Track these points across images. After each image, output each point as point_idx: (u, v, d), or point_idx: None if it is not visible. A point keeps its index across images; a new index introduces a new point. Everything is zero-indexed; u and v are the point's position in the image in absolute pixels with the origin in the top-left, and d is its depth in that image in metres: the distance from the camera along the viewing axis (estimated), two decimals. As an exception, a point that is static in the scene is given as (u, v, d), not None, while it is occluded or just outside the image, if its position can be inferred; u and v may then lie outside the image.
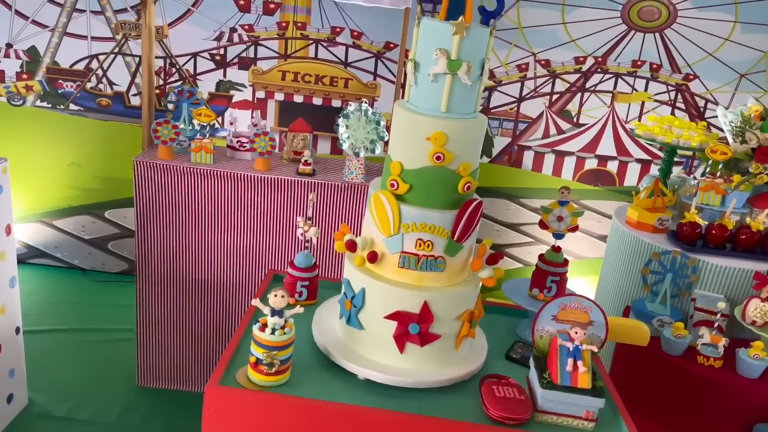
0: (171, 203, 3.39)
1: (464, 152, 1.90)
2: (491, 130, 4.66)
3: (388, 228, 1.92)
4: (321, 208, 3.38)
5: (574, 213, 2.38)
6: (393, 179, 1.93)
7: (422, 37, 1.85)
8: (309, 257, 2.35)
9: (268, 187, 3.36)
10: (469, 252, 2.04)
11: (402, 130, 1.93)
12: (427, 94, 1.88)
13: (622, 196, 4.74)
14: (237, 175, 3.33)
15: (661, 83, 4.52)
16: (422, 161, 1.89)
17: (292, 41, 4.51)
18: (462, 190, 1.92)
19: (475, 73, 1.86)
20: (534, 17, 4.39)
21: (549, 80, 4.55)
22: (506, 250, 4.92)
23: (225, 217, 3.41)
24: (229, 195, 3.37)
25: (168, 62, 4.55)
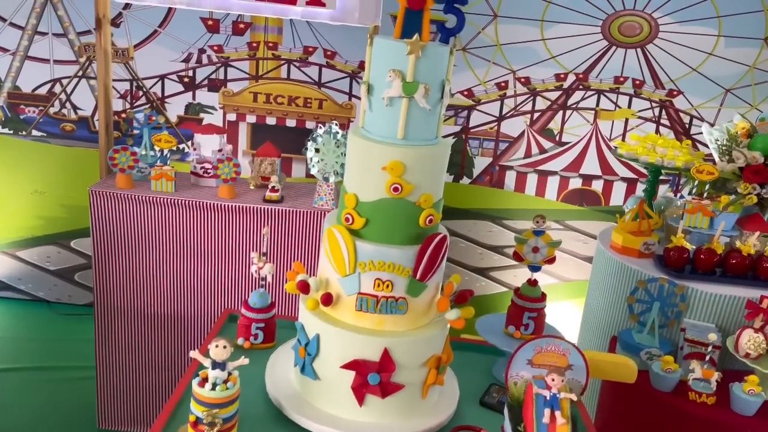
0: (130, 234, 3.20)
1: (425, 182, 1.73)
2: (471, 150, 4.51)
3: (343, 267, 1.74)
4: (289, 236, 3.20)
5: (551, 243, 2.21)
6: (348, 213, 1.75)
7: (375, 57, 1.69)
8: (264, 296, 2.16)
9: (232, 215, 3.18)
10: (435, 291, 1.85)
11: (356, 160, 1.75)
12: (382, 120, 1.71)
13: (608, 216, 4.58)
14: (199, 203, 3.14)
15: (644, 99, 4.39)
16: (379, 193, 1.72)
17: (264, 62, 4.35)
18: (424, 224, 1.74)
19: (434, 95, 1.69)
20: (512, 34, 4.26)
21: (529, 98, 4.41)
22: (490, 273, 4.75)
23: (188, 248, 3.22)
24: (191, 225, 3.19)
25: (134, 85, 4.38)
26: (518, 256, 2.23)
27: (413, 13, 1.65)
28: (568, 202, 4.59)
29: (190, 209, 3.15)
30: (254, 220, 3.19)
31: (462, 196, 4.57)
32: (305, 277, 1.80)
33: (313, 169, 3.16)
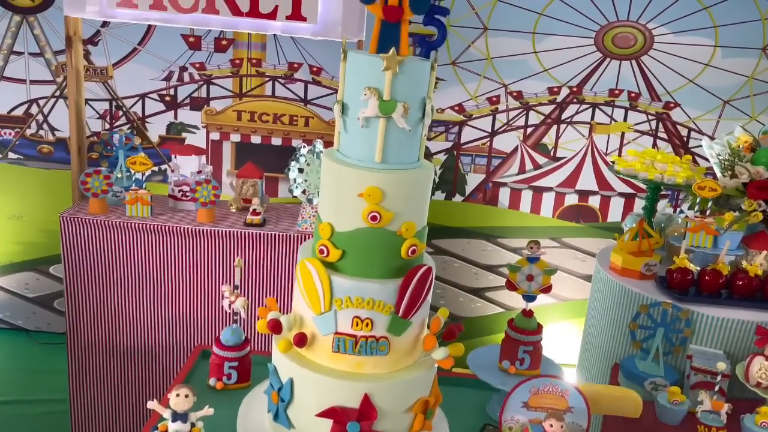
0: (104, 262, 3.04)
1: (406, 209, 1.57)
2: (463, 167, 4.37)
3: (318, 304, 1.58)
4: (270, 262, 3.03)
5: (546, 271, 2.05)
6: (322, 244, 1.59)
7: (349, 74, 1.54)
8: (238, 333, 1.99)
9: (211, 240, 3.02)
10: (420, 328, 1.69)
11: (331, 186, 1.60)
12: (358, 142, 1.55)
13: (606, 233, 4.44)
14: (176, 228, 2.98)
15: (640, 112, 4.26)
16: (355, 222, 1.56)
17: (247, 79, 4.22)
18: (406, 255, 1.59)
19: (415, 114, 1.54)
20: (503, 47, 4.15)
21: (522, 113, 4.28)
22: (485, 293, 4.59)
23: (164, 276, 3.05)
24: (168, 251, 3.02)
25: (114, 105, 4.23)
26: (511, 284, 2.07)
27: (390, 25, 1.51)
28: (564, 219, 4.45)
29: (167, 235, 2.99)
30: (234, 245, 3.03)
31: (455, 215, 4.43)
32: (277, 316, 1.64)
33: (296, 191, 3.01)
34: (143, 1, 2.92)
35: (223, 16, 2.96)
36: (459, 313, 4.58)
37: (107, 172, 3.05)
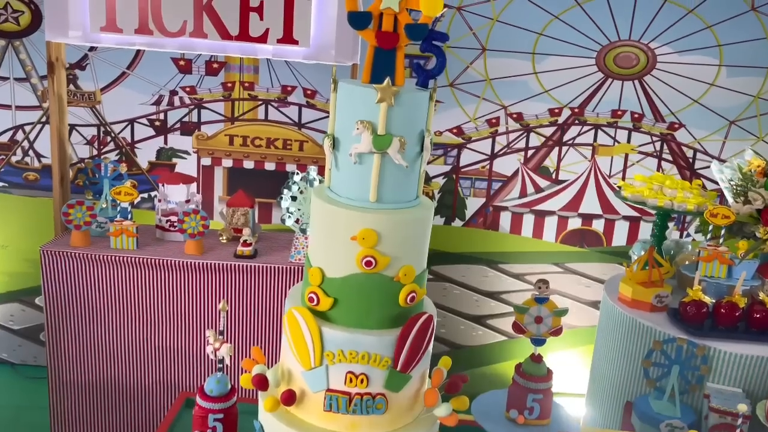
0: (86, 297, 2.89)
1: (404, 252, 1.43)
2: (463, 191, 4.24)
3: (307, 358, 1.43)
4: (262, 296, 2.89)
5: (556, 312, 1.90)
6: (312, 291, 1.45)
7: (340, 105, 1.41)
8: (223, 382, 1.84)
9: (200, 274, 2.87)
10: (420, 382, 1.54)
11: (321, 227, 1.46)
12: (351, 180, 1.42)
13: (611, 257, 4.30)
14: (162, 262, 2.84)
15: (644, 133, 4.14)
16: (348, 267, 1.42)
17: (240, 103, 4.10)
18: (404, 303, 1.44)
19: (412, 149, 1.41)
20: (503, 68, 4.04)
21: (523, 135, 4.16)
22: (487, 321, 4.43)
23: (151, 311, 2.91)
24: (154, 285, 2.88)
25: (102, 130, 4.11)
26: (518, 327, 1.92)
27: (384, 53, 1.38)
28: (567, 244, 4.32)
29: (153, 268, 2.85)
30: (224, 278, 2.89)
31: (455, 240, 4.29)
32: (263, 370, 1.49)
33: (289, 220, 2.88)
34: (128, 26, 2.81)
35: (212, 40, 2.85)
36: (460, 342, 4.43)
37: (90, 203, 2.91)
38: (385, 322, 1.44)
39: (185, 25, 2.81)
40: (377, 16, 1.35)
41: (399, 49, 1.38)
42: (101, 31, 2.81)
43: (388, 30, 1.36)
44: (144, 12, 2.78)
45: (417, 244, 1.47)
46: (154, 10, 2.78)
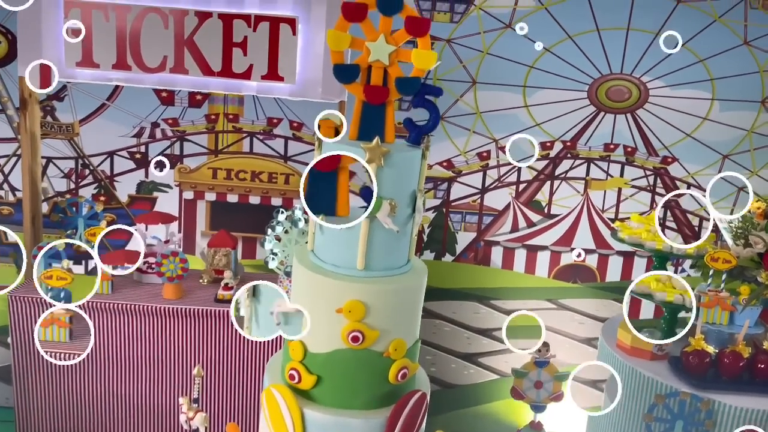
0: (57, 345, 2.72)
1: (394, 325, 1.31)
2: (453, 225, 4.13)
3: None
4: (243, 346, 2.74)
5: (557, 376, 1.78)
6: (293, 368, 1.31)
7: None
8: (197, 455, 1.69)
9: (178, 320, 2.73)
10: (412, 464, 1.40)
11: (303, 297, 1.33)
12: (337, 246, 1.30)
13: (605, 293, 4.20)
14: (138, 307, 2.69)
15: (637, 167, 4.07)
16: (333, 342, 1.29)
17: (224, 135, 3.98)
18: (395, 380, 1.31)
19: (403, 212, 1.29)
20: (493, 101, 3.96)
21: (514, 168, 4.07)
22: (479, 359, 4.29)
23: (125, 358, 2.75)
24: (130, 331, 2.73)
25: (80, 163, 3.96)
26: (517, 393, 1.79)
27: (374, 108, 1.26)
28: (560, 279, 4.22)
29: (128, 314, 2.70)
30: (204, 325, 2.74)
31: (445, 275, 4.17)
32: (238, 453, 1.34)
33: (272, 263, 2.74)
34: (105, 60, 2.70)
35: (193, 75, 2.74)
36: (451, 381, 4.29)
37: (63, 245, 2.76)
38: (373, 402, 1.31)
39: (165, 60, 2.71)
40: (365, 68, 1.24)
41: (389, 104, 1.28)
42: (77, 66, 2.70)
43: (377, 84, 1.26)
44: (122, 47, 2.67)
45: (408, 314, 1.34)
46: (132, 44, 2.67)
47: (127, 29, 2.64)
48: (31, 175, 2.88)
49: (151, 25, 2.64)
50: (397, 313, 1.31)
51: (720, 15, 3.81)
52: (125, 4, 2.61)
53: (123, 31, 2.63)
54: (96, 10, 2.61)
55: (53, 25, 2.64)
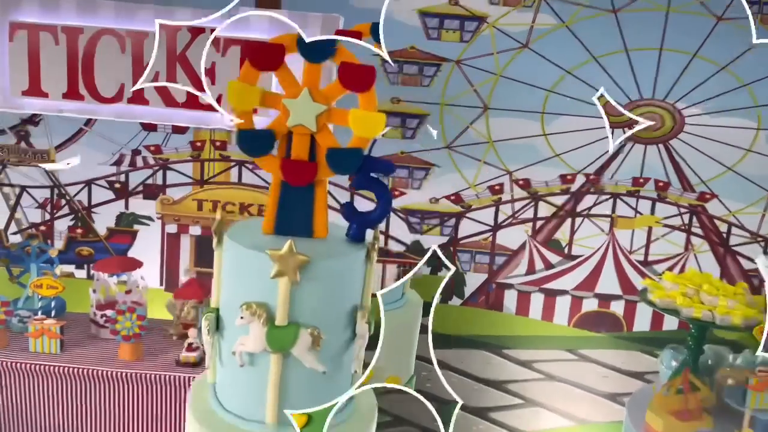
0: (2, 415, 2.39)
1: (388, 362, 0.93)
2: (462, 265, 3.75)
3: None
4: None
5: None
6: None
7: (227, 270, 0.90)
8: None
9: (133, 386, 2.36)
10: None
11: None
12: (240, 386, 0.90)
13: (631, 344, 3.80)
14: (88, 372, 2.34)
15: (670, 204, 3.67)
16: None
17: (210, 164, 3.66)
18: None
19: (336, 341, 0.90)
20: (507, 129, 3.60)
21: (530, 204, 3.69)
22: (490, 414, 3.88)
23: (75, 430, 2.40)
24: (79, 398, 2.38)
25: (55, 192, 3.67)
26: None
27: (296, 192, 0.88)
28: (581, 328, 3.83)
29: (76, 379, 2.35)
30: (163, 392, 2.37)
31: (452, 321, 3.81)
32: None
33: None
34: (54, 90, 2.39)
35: (154, 106, 2.39)
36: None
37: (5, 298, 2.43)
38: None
39: (122, 89, 2.37)
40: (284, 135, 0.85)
41: (319, 184, 0.88)
42: (23, 95, 2.37)
43: (300, 158, 0.86)
44: (73, 74, 2.35)
45: (403, 350, 0.98)
46: (85, 72, 2.35)
47: (79, 54, 2.31)
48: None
49: (106, 49, 2.31)
50: (391, 349, 0.92)
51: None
52: (76, 26, 2.28)
53: (74, 55, 2.31)
54: (44, 32, 2.29)
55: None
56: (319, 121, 0.90)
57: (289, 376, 0.89)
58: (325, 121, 0.91)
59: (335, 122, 0.92)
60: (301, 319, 0.87)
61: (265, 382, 0.88)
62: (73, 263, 3.74)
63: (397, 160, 3.61)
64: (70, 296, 3.16)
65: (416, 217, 3.69)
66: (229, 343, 0.91)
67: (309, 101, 0.94)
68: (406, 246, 3.72)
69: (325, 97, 0.98)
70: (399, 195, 3.65)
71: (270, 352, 0.88)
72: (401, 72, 3.50)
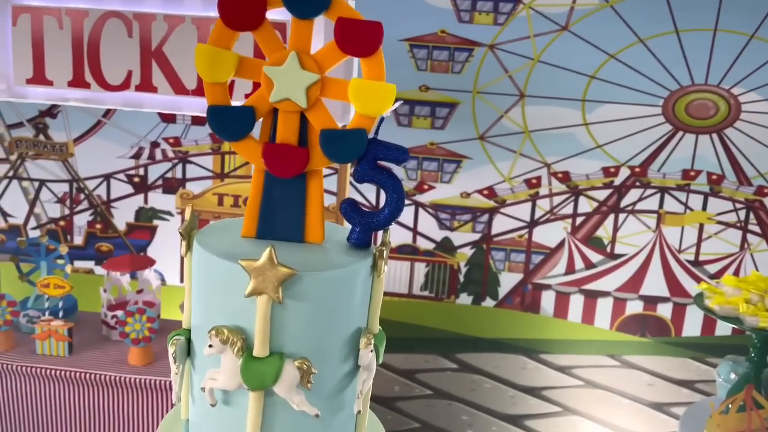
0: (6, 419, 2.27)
1: None
2: (495, 264, 3.53)
3: None
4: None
5: None
6: None
7: (198, 283, 0.71)
8: None
9: (143, 392, 2.22)
10: None
11: None
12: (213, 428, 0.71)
13: (680, 351, 3.52)
14: (95, 377, 2.20)
15: (724, 199, 3.37)
16: None
17: (230, 156, 3.52)
18: None
19: (332, 375, 0.70)
20: (545, 118, 3.36)
21: (570, 198, 3.45)
22: (525, 422, 3.66)
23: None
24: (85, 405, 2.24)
25: (74, 187, 3.57)
26: None
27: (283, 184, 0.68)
28: (625, 332, 3.57)
29: (84, 384, 2.22)
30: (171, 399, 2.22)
31: (485, 323, 3.59)
32: None
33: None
34: (60, 78, 2.24)
35: (163, 94, 2.23)
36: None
37: (12, 298, 2.31)
38: None
39: (130, 75, 2.21)
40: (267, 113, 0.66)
41: (312, 175, 0.68)
42: (27, 83, 2.24)
43: (287, 141, 0.67)
44: (79, 61, 2.20)
45: None
46: (91, 58, 2.19)
47: (84, 38, 2.17)
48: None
49: (113, 32, 2.15)
50: None
51: (839, 11, 3.06)
52: (81, 8, 2.14)
53: (79, 40, 2.16)
54: (48, 16, 2.15)
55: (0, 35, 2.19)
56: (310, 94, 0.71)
57: (272, 420, 0.70)
58: (318, 94, 0.72)
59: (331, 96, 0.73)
60: (286, 348, 0.68)
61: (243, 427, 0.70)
62: (93, 259, 3.67)
63: (427, 152, 3.41)
64: (87, 294, 3.06)
65: (446, 213, 3.49)
66: (201, 375, 0.73)
67: (297, 69, 0.75)
68: (436, 243, 3.52)
69: (318, 63, 0.78)
70: (428, 189, 3.46)
71: (248, 390, 0.70)
72: (430, 58, 3.29)
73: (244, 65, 0.84)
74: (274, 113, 0.74)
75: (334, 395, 0.73)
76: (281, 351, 0.68)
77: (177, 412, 0.85)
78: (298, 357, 0.70)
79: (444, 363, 3.64)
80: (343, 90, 0.72)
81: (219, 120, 0.74)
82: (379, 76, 0.77)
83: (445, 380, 3.65)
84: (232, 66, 0.84)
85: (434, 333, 3.62)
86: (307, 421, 0.72)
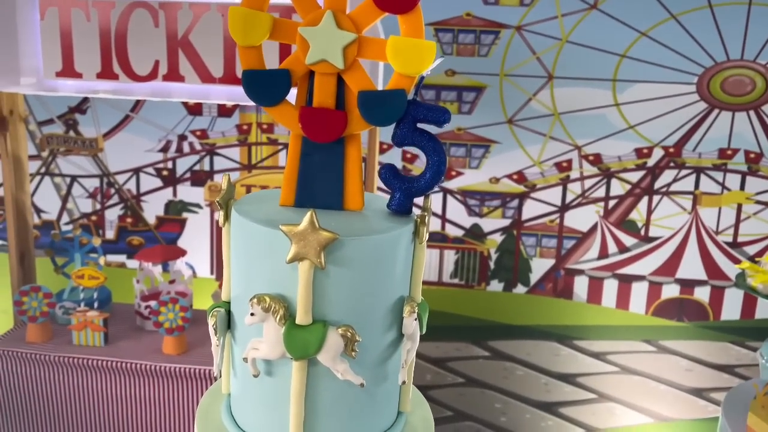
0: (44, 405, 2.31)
1: None
2: (527, 250, 3.46)
3: None
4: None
5: None
6: None
7: (237, 252, 0.69)
8: None
9: (178, 381, 2.23)
10: None
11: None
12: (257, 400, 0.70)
13: (719, 335, 3.41)
14: (130, 366, 2.22)
15: (763, 178, 3.25)
16: None
17: (257, 148, 3.50)
18: None
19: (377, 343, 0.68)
20: (575, 99, 3.26)
21: (602, 181, 3.36)
22: (560, 409, 3.59)
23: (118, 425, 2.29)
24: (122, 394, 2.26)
25: (105, 181, 3.61)
26: None
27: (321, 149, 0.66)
28: (661, 317, 3.46)
29: (119, 373, 2.24)
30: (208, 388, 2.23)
31: (517, 310, 3.52)
32: None
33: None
34: (88, 70, 2.24)
35: (190, 83, 2.23)
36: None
37: (48, 290, 2.34)
38: None
39: (157, 65, 2.21)
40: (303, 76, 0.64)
41: (350, 140, 0.66)
42: (57, 76, 2.26)
43: (324, 105, 0.65)
44: (107, 52, 2.20)
45: None
46: (118, 49, 2.20)
47: (111, 30, 2.17)
48: (16, 208, 2.48)
49: (139, 23, 2.15)
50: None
51: None
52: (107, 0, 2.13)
53: (107, 32, 2.17)
54: (75, 9, 2.16)
55: (29, 29, 2.21)
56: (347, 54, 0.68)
57: (316, 389, 0.68)
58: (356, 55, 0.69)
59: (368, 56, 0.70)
60: (329, 316, 0.66)
61: (287, 397, 0.68)
62: (125, 253, 3.70)
63: (454, 138, 3.36)
64: (120, 287, 3.10)
65: (475, 199, 3.44)
66: (243, 347, 0.72)
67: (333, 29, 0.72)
68: (465, 230, 3.48)
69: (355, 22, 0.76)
70: (456, 175, 3.42)
71: (291, 359, 0.68)
72: (456, 41, 3.24)
73: (279, 27, 0.82)
74: (310, 77, 0.72)
75: (379, 365, 0.71)
76: (324, 319, 0.66)
77: (217, 387, 0.84)
78: (341, 325, 0.68)
79: (476, 351, 3.60)
80: (381, 49, 0.69)
81: (254, 84, 0.72)
82: (418, 33, 0.75)
83: (478, 368, 3.61)
84: (267, 28, 0.82)
85: (465, 321, 3.58)
86: (352, 391, 0.70)
